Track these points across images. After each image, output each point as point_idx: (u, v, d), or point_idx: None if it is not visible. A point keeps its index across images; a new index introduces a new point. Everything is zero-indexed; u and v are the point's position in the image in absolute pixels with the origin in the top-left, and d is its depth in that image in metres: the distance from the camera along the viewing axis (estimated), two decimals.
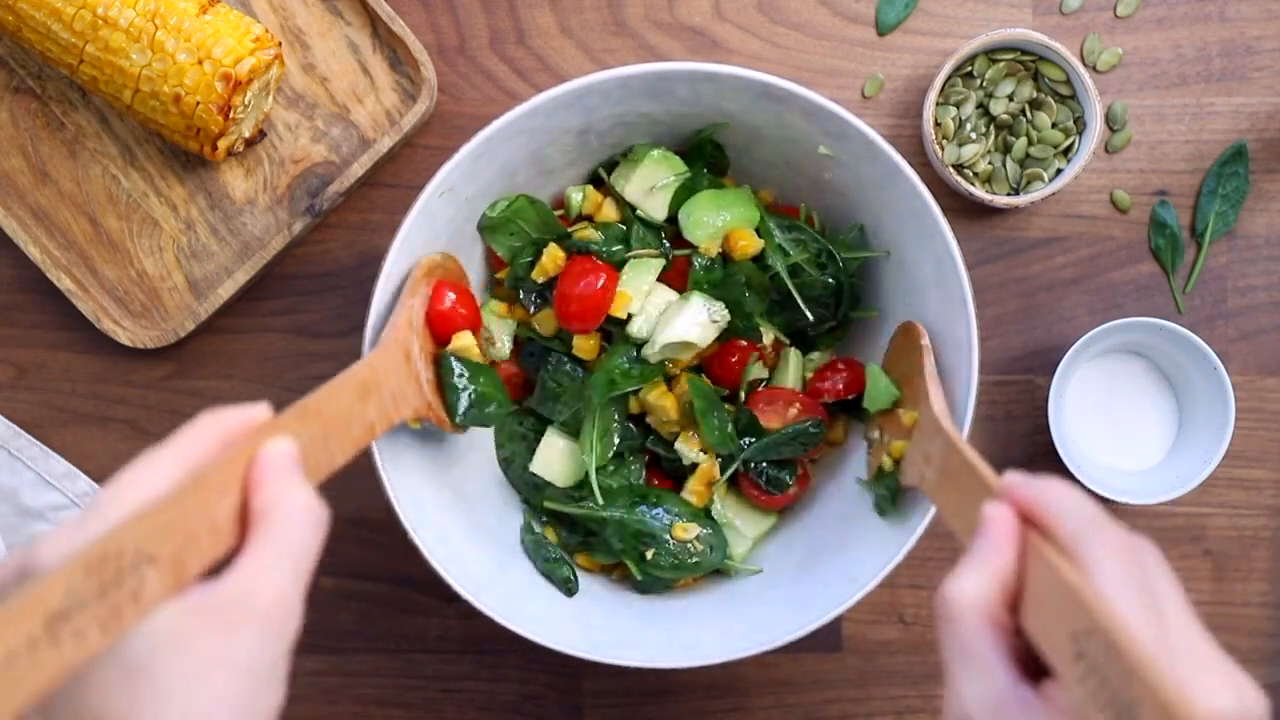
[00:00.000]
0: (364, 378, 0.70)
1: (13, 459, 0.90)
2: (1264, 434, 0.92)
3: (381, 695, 0.92)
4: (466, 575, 0.77)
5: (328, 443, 0.63)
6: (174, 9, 0.84)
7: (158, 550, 0.49)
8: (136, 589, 0.48)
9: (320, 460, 0.62)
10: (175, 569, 0.50)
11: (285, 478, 0.55)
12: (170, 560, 0.49)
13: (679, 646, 0.79)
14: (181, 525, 0.50)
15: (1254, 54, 0.92)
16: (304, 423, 0.60)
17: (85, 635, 0.45)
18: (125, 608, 0.47)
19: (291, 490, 0.54)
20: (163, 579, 0.49)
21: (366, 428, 0.69)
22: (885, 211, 0.79)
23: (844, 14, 0.92)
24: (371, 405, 0.70)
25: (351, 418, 0.67)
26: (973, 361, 0.76)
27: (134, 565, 0.48)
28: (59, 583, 0.45)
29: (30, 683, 0.44)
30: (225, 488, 0.53)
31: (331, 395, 0.65)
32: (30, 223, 0.91)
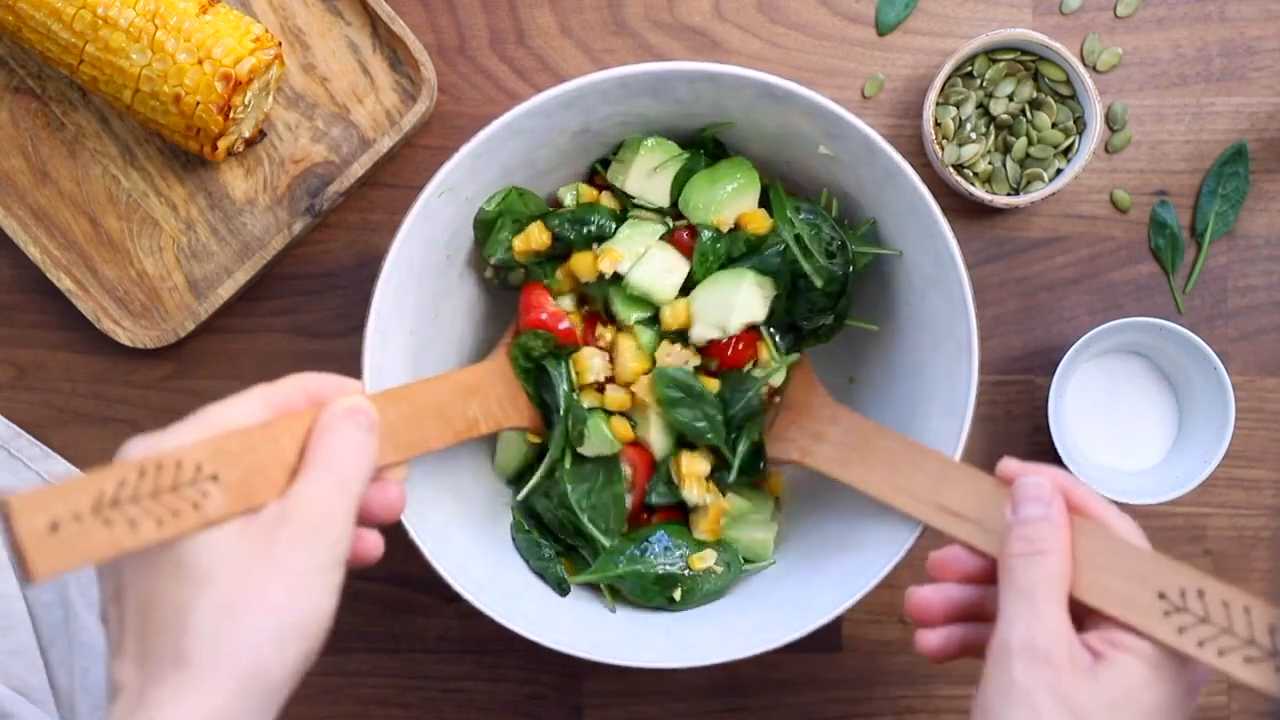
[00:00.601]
0: (466, 380, 0.76)
1: (13, 459, 0.90)
2: (1264, 434, 0.92)
3: (381, 695, 0.92)
4: (466, 575, 0.77)
5: (420, 423, 0.69)
6: (174, 9, 0.84)
7: (223, 471, 0.54)
8: (198, 500, 0.53)
9: (413, 437, 0.68)
10: (241, 491, 0.55)
11: (341, 419, 0.60)
12: (236, 483, 0.55)
13: (679, 646, 0.79)
14: (250, 455, 0.56)
15: (1254, 54, 0.92)
16: (391, 402, 0.67)
17: (139, 525, 0.51)
18: (185, 512, 0.53)
19: (344, 423, 0.59)
20: (227, 498, 0.54)
21: (469, 422, 0.74)
22: (885, 211, 0.79)
23: (844, 14, 0.92)
24: (475, 404, 0.75)
25: (449, 409, 0.73)
26: (973, 361, 0.76)
27: (195, 479, 0.54)
28: (113, 475, 0.51)
29: (75, 550, 0.49)
30: (300, 432, 0.59)
31: (425, 386, 0.72)
32: (30, 223, 0.91)
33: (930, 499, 0.72)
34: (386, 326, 0.76)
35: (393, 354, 0.78)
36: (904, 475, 0.74)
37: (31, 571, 0.48)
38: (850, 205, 0.82)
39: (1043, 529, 0.63)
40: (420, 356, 0.81)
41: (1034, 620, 0.60)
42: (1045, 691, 0.58)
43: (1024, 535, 0.63)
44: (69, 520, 0.49)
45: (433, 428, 0.70)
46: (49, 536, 0.49)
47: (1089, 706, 0.58)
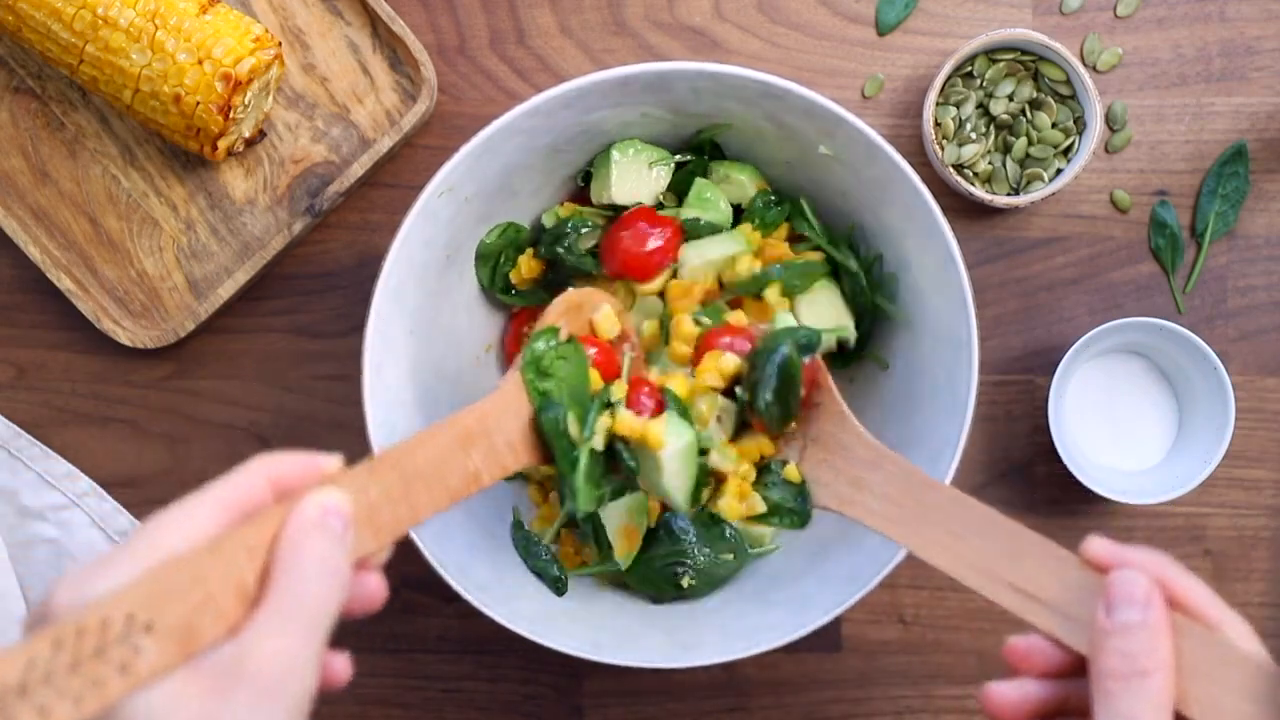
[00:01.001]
0: (468, 426, 0.65)
1: (13, 459, 0.90)
2: (1264, 434, 0.92)
3: (381, 695, 0.92)
4: (466, 575, 0.77)
5: (409, 494, 0.59)
6: (174, 9, 0.84)
7: (159, 617, 0.46)
8: (126, 660, 0.45)
9: (398, 514, 0.58)
10: (183, 636, 0.47)
11: (314, 527, 0.51)
12: (176, 628, 0.47)
13: (679, 646, 0.79)
14: (195, 588, 0.47)
15: (1254, 54, 0.92)
16: (375, 475, 0.57)
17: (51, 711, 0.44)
18: (110, 680, 0.45)
19: (312, 540, 0.50)
20: (164, 648, 0.46)
21: (469, 477, 0.64)
22: (885, 211, 0.79)
23: (844, 14, 0.92)
24: (476, 454, 0.65)
25: (446, 468, 0.63)
26: (973, 361, 0.76)
27: (124, 635, 0.46)
28: (18, 658, 0.44)
29: None
30: (259, 544, 0.50)
31: (418, 445, 0.61)
32: (30, 223, 0.91)
33: (1001, 576, 0.62)
34: (386, 326, 0.76)
35: (393, 354, 0.78)
36: (966, 543, 0.64)
37: None
38: (849, 205, 0.82)
39: (1142, 640, 0.54)
40: (420, 356, 0.81)
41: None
42: None
43: (1121, 649, 0.54)
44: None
45: (424, 496, 0.60)
46: None
47: None
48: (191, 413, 0.92)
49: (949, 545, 0.64)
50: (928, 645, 0.92)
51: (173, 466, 0.92)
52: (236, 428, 0.92)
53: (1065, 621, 0.58)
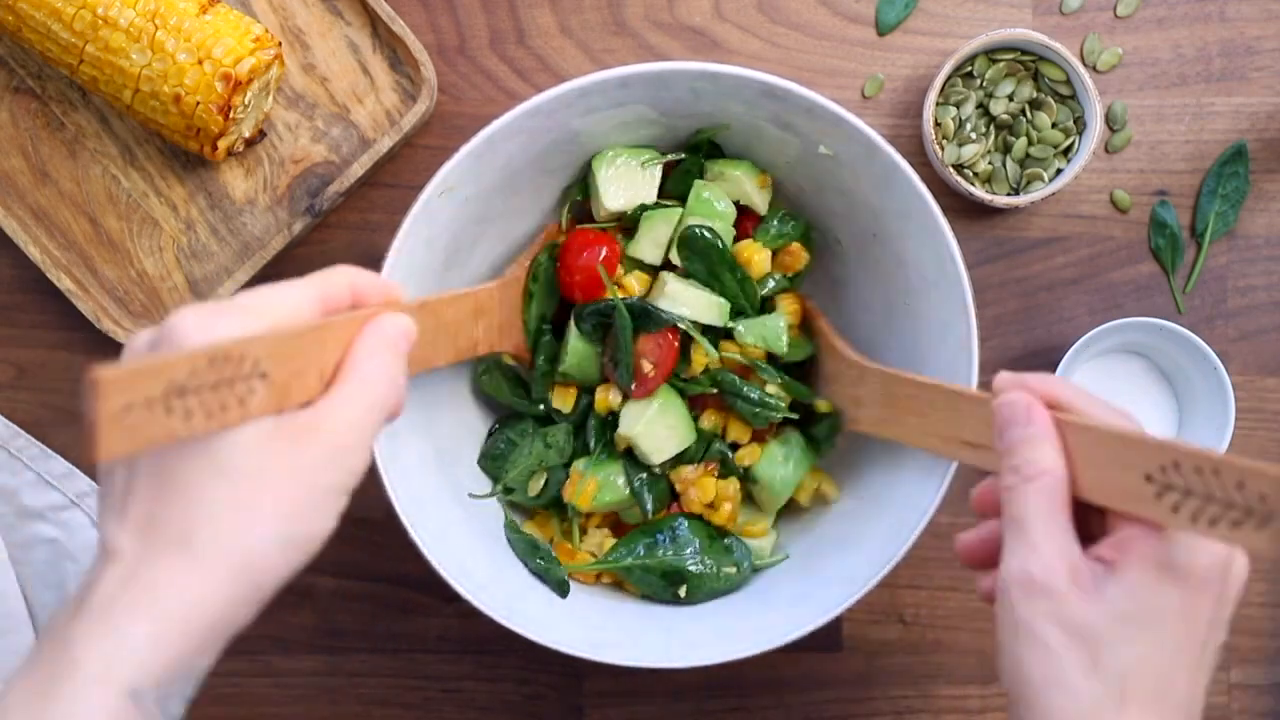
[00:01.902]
0: (481, 300, 0.78)
1: (13, 459, 0.90)
2: (1264, 434, 0.92)
3: (381, 695, 0.92)
4: (466, 575, 0.77)
5: (435, 340, 0.71)
6: (174, 9, 0.84)
7: (272, 370, 0.54)
8: (245, 395, 0.53)
9: (424, 354, 0.69)
10: (281, 391, 0.55)
11: (386, 345, 0.60)
12: (279, 382, 0.55)
13: (679, 646, 0.79)
14: (297, 357, 0.56)
15: (1254, 54, 0.92)
16: (422, 315, 0.67)
17: (193, 416, 0.51)
18: (231, 406, 0.53)
19: (385, 354, 0.59)
20: (268, 396, 0.54)
21: (471, 343, 0.77)
22: (885, 211, 0.79)
23: (844, 14, 0.92)
24: (481, 325, 0.78)
25: (460, 328, 0.75)
26: (973, 361, 0.76)
27: (248, 374, 0.53)
28: (187, 364, 0.51)
29: (137, 436, 0.49)
30: (342, 340, 0.59)
31: (451, 302, 0.74)
32: (30, 223, 0.91)
33: (954, 436, 0.71)
34: None
35: None
36: (928, 418, 0.74)
37: (98, 450, 0.48)
38: (849, 205, 0.82)
39: (1026, 451, 0.59)
40: None
41: (1027, 549, 0.57)
42: (1048, 621, 0.56)
43: (1011, 465, 0.60)
44: (141, 405, 0.49)
45: (443, 345, 0.73)
46: (121, 417, 0.49)
47: (1097, 625, 0.56)
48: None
49: (917, 425, 0.75)
50: (928, 645, 0.92)
51: None
52: None
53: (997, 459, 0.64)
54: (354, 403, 0.57)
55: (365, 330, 0.60)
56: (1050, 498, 0.58)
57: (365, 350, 0.59)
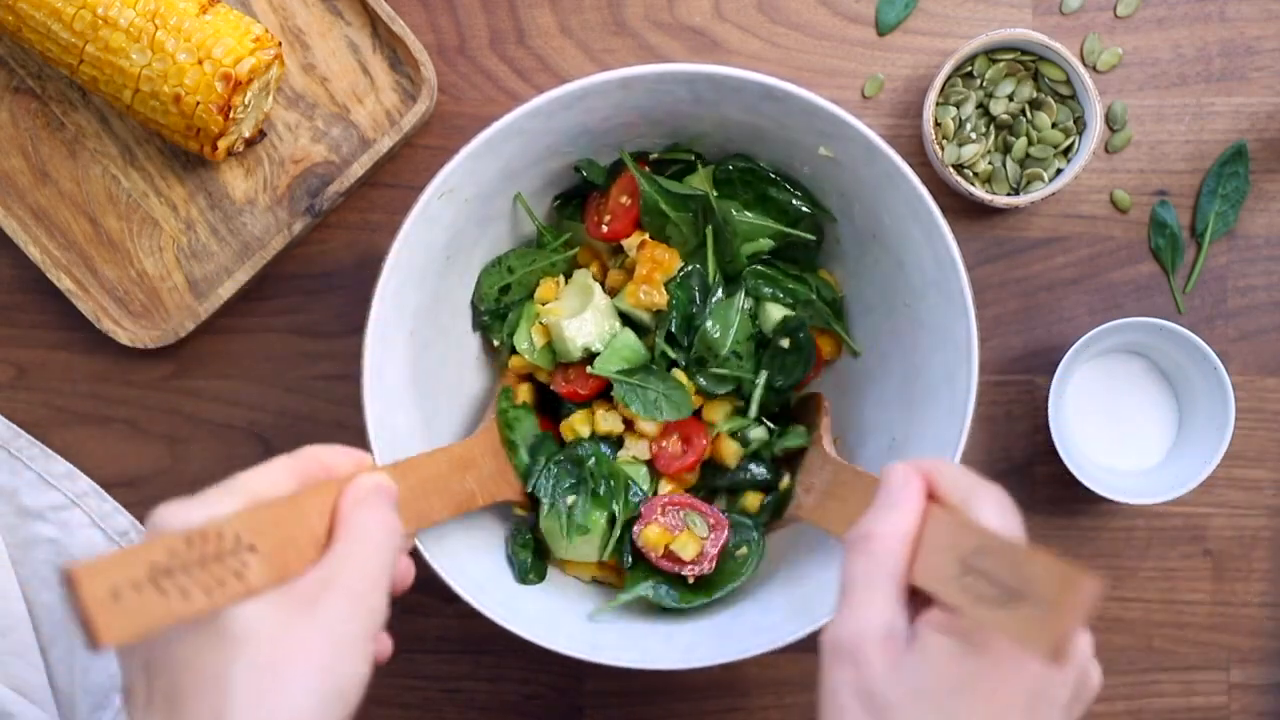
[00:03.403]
0: (460, 454, 0.78)
1: (13, 459, 0.90)
2: (1264, 434, 0.92)
3: (381, 695, 0.92)
4: (466, 576, 0.77)
5: (426, 495, 0.72)
6: (174, 9, 0.84)
7: (259, 542, 0.55)
8: (239, 569, 0.54)
9: (420, 510, 0.71)
10: (276, 561, 0.56)
11: (370, 495, 0.61)
12: (273, 554, 0.56)
13: (679, 647, 0.79)
14: (282, 527, 0.57)
15: (1254, 54, 0.92)
16: (400, 474, 0.68)
17: (190, 594, 0.52)
18: (229, 581, 0.54)
19: (372, 504, 0.61)
20: (265, 567, 0.55)
21: (467, 495, 0.77)
22: (885, 212, 0.79)
23: (844, 14, 0.92)
24: (471, 477, 0.78)
25: (449, 482, 0.75)
26: (973, 361, 0.76)
27: (235, 549, 0.54)
28: (162, 545, 0.52)
29: (138, 618, 0.50)
30: (324, 507, 0.60)
31: (426, 460, 0.74)
32: (30, 223, 0.91)
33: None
34: (386, 327, 0.76)
35: (393, 355, 0.78)
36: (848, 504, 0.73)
37: (98, 637, 0.49)
38: (849, 206, 0.82)
39: (872, 517, 0.59)
40: (420, 358, 0.81)
41: (844, 615, 0.56)
42: (849, 691, 0.55)
43: (856, 529, 0.59)
44: (128, 589, 0.50)
45: (437, 501, 0.73)
46: (112, 603, 0.50)
47: (892, 697, 0.53)
48: (191, 413, 0.92)
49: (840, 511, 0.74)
50: None
51: (172, 466, 0.92)
52: (236, 428, 0.92)
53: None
54: (358, 551, 0.59)
55: (346, 490, 0.61)
56: (878, 563, 0.57)
57: (351, 505, 0.60)
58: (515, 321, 0.85)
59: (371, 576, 0.58)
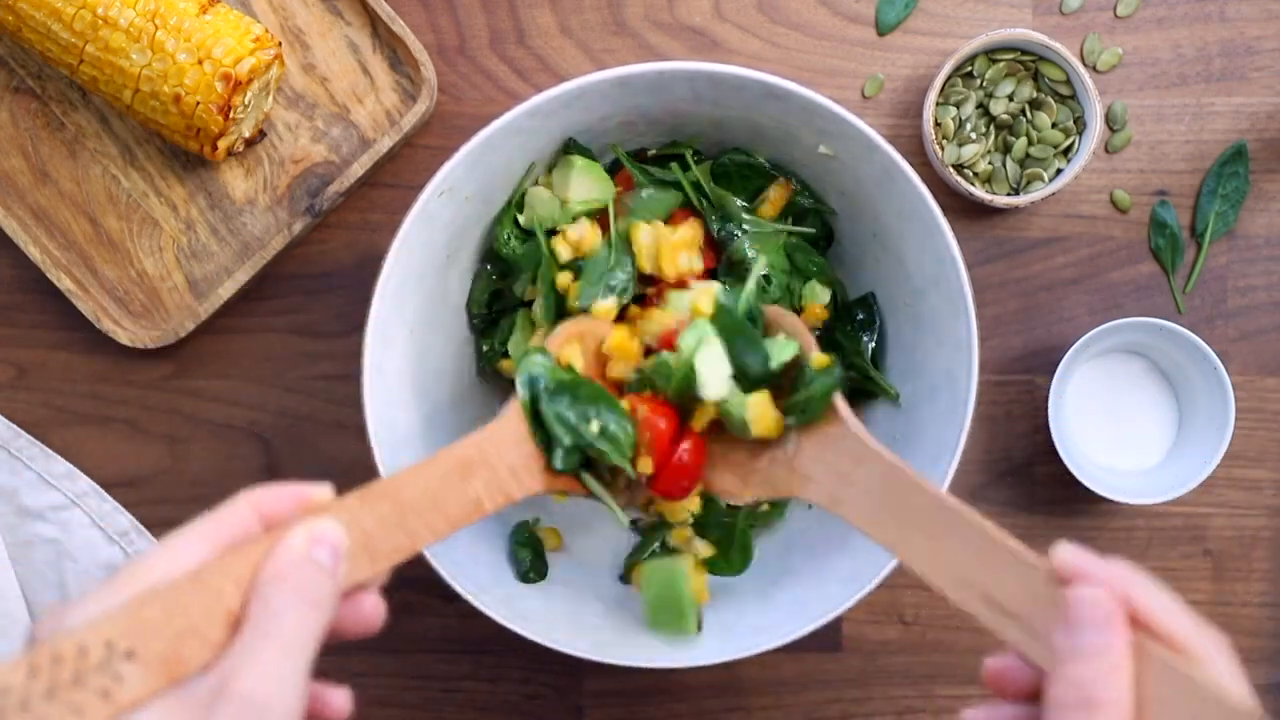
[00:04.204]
0: (466, 455, 0.65)
1: (13, 459, 0.90)
2: (1264, 434, 0.92)
3: (381, 695, 0.92)
4: (466, 575, 0.77)
5: (406, 522, 0.59)
6: (174, 9, 0.84)
7: (141, 645, 0.47)
8: (107, 688, 0.46)
9: (397, 542, 0.58)
10: (166, 664, 0.47)
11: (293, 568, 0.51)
12: (160, 656, 0.47)
13: (679, 647, 0.79)
14: (175, 619, 0.48)
15: (1254, 54, 0.92)
16: (368, 504, 0.57)
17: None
18: (91, 706, 0.45)
19: (292, 580, 0.51)
20: (147, 675, 0.47)
21: (469, 504, 0.64)
22: (885, 211, 0.79)
23: (844, 14, 0.92)
24: (477, 482, 0.65)
25: (443, 496, 0.62)
26: (973, 361, 0.76)
27: (104, 662, 0.46)
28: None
29: None
30: (243, 576, 0.50)
31: (413, 475, 0.61)
32: (30, 223, 0.91)
33: (975, 584, 0.57)
34: (386, 326, 0.76)
35: (393, 354, 0.78)
36: (943, 546, 0.60)
37: None
38: (849, 205, 0.82)
39: (1096, 668, 0.49)
40: (420, 357, 0.81)
41: None
42: None
43: (1073, 677, 0.50)
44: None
45: (422, 524, 0.60)
46: None
47: None
48: (191, 413, 0.92)
49: (925, 549, 0.61)
50: (928, 645, 0.92)
51: (172, 466, 0.92)
52: (236, 428, 0.92)
53: (1032, 638, 0.54)
54: (264, 648, 0.48)
55: (266, 558, 0.51)
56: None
57: (265, 580, 0.50)
58: (508, 329, 0.84)
59: (276, 680, 0.48)
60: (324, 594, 0.51)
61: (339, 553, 0.53)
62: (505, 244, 0.82)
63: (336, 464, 0.92)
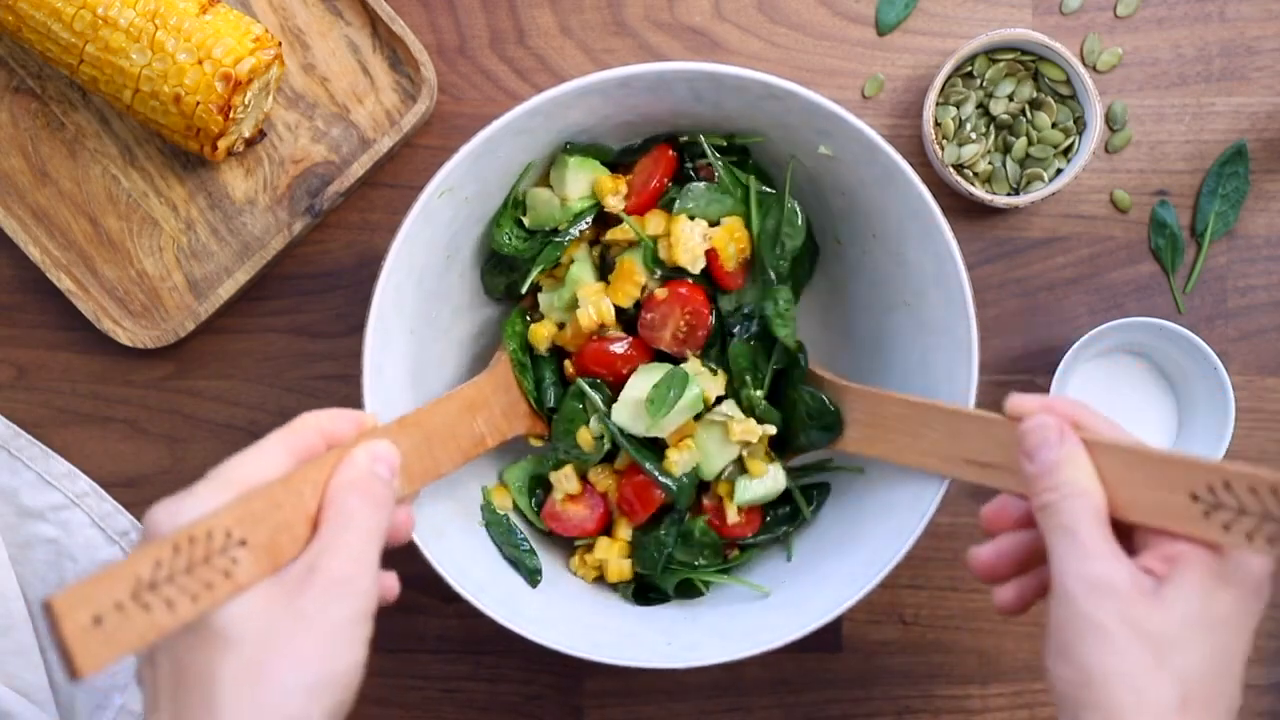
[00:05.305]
0: (470, 396, 0.77)
1: (13, 459, 0.90)
2: (1264, 434, 0.92)
3: (381, 695, 0.92)
4: (466, 575, 0.77)
5: (432, 450, 0.71)
6: (174, 9, 0.84)
7: (250, 535, 0.55)
8: (228, 568, 0.54)
9: (425, 466, 0.70)
10: (269, 552, 0.56)
11: (360, 477, 0.61)
12: (264, 544, 0.56)
13: (679, 647, 0.79)
14: (274, 514, 0.56)
15: (1254, 54, 0.92)
16: (405, 432, 0.68)
17: (176, 604, 0.52)
18: (217, 583, 0.54)
19: (361, 486, 0.60)
20: (256, 560, 0.55)
21: (476, 439, 0.76)
22: (885, 211, 0.79)
23: (844, 14, 0.92)
24: (480, 419, 0.77)
25: (457, 429, 0.74)
26: (973, 361, 0.76)
27: (224, 547, 0.54)
28: (148, 557, 0.52)
29: (118, 642, 0.50)
30: (320, 482, 0.59)
31: (434, 409, 0.73)
32: (30, 223, 0.91)
33: (955, 455, 0.72)
34: (386, 326, 0.76)
35: (393, 354, 0.78)
36: (923, 438, 0.75)
37: (78, 669, 0.48)
38: (849, 205, 0.82)
39: (1065, 472, 0.61)
40: (420, 357, 0.81)
41: (1085, 554, 0.59)
42: (1116, 619, 0.57)
43: (1051, 484, 0.61)
44: (111, 611, 0.50)
45: (444, 452, 0.72)
46: (93, 631, 0.49)
47: (1164, 629, 0.57)
48: (191, 413, 0.92)
49: (911, 445, 0.75)
50: (928, 645, 0.92)
51: (172, 466, 0.92)
52: (236, 428, 0.92)
53: (1012, 476, 0.67)
54: (342, 536, 0.58)
55: (338, 469, 0.61)
56: (1096, 514, 0.60)
57: (340, 486, 0.60)
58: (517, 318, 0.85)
59: (354, 561, 0.58)
60: (386, 498, 0.61)
61: (394, 467, 0.63)
62: (506, 244, 0.82)
63: None
